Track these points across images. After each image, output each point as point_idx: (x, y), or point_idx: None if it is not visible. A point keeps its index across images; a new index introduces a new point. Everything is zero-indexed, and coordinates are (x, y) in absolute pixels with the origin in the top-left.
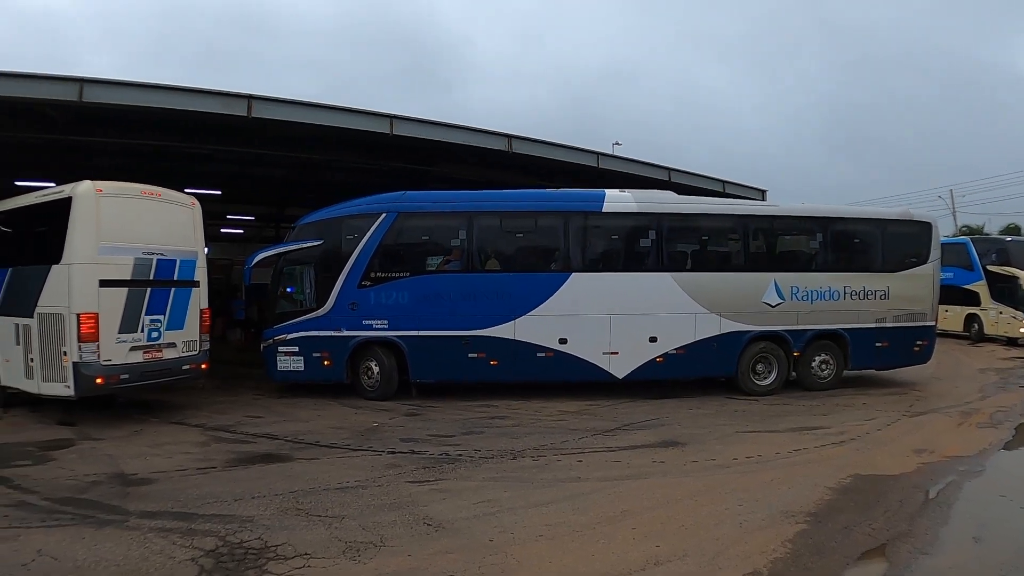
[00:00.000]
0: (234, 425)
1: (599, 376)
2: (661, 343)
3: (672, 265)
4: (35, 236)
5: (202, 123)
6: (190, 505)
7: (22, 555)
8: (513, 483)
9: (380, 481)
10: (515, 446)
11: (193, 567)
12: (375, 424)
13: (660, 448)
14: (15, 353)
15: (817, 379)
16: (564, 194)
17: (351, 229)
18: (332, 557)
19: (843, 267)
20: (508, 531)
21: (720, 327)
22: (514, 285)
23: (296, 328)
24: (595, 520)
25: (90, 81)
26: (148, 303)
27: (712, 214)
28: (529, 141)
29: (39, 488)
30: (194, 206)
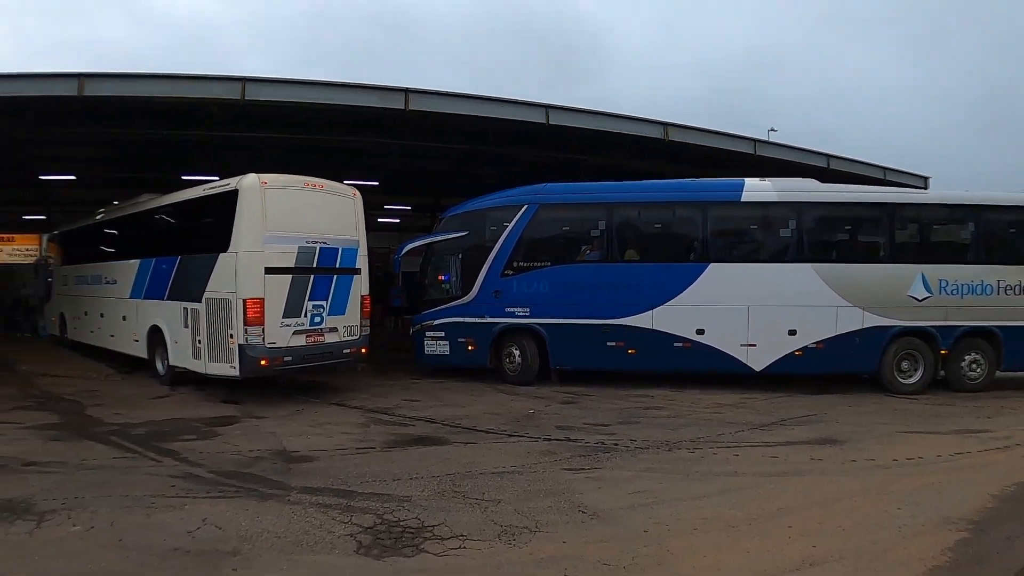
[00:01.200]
0: (393, 408)
1: (736, 368)
2: (800, 336)
3: (813, 256)
4: (202, 226)
5: (360, 117)
6: (350, 483)
7: (188, 523)
8: (668, 475)
9: (536, 467)
10: (671, 437)
11: (351, 542)
12: (531, 411)
13: (818, 445)
14: (184, 335)
15: (967, 380)
16: (702, 184)
17: (494, 220)
18: (487, 540)
19: (997, 259)
20: (663, 523)
21: (863, 321)
22: (652, 275)
23: (442, 314)
24: (751, 516)
25: (252, 80)
26: (311, 289)
27: (855, 203)
28: (685, 128)
29: (205, 461)
30: (355, 196)
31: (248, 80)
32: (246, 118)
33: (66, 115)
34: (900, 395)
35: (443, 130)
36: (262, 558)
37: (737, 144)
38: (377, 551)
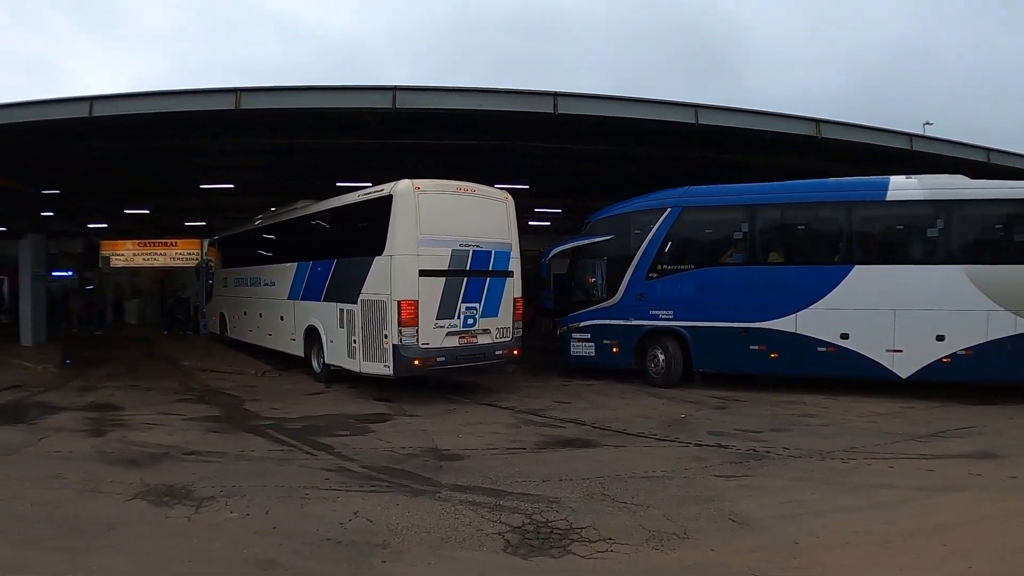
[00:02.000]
0: (543, 409)
1: (881, 375)
2: (949, 342)
3: (962, 257)
4: (358, 231)
5: (509, 121)
6: (499, 482)
7: (340, 515)
8: (821, 485)
9: (686, 473)
10: (824, 446)
11: (499, 541)
12: (682, 416)
13: (976, 459)
14: (339, 335)
15: None
16: (846, 183)
17: (638, 224)
18: (635, 544)
19: None
20: (814, 534)
21: (1015, 326)
22: (795, 278)
23: (588, 316)
24: (905, 531)
25: (402, 89)
26: (464, 291)
27: (1008, 199)
28: (838, 125)
29: (358, 456)
30: (507, 200)
31: (398, 89)
32: (398, 125)
33: (224, 127)
34: None
35: (592, 132)
36: (411, 552)
37: (892, 139)
38: (524, 551)
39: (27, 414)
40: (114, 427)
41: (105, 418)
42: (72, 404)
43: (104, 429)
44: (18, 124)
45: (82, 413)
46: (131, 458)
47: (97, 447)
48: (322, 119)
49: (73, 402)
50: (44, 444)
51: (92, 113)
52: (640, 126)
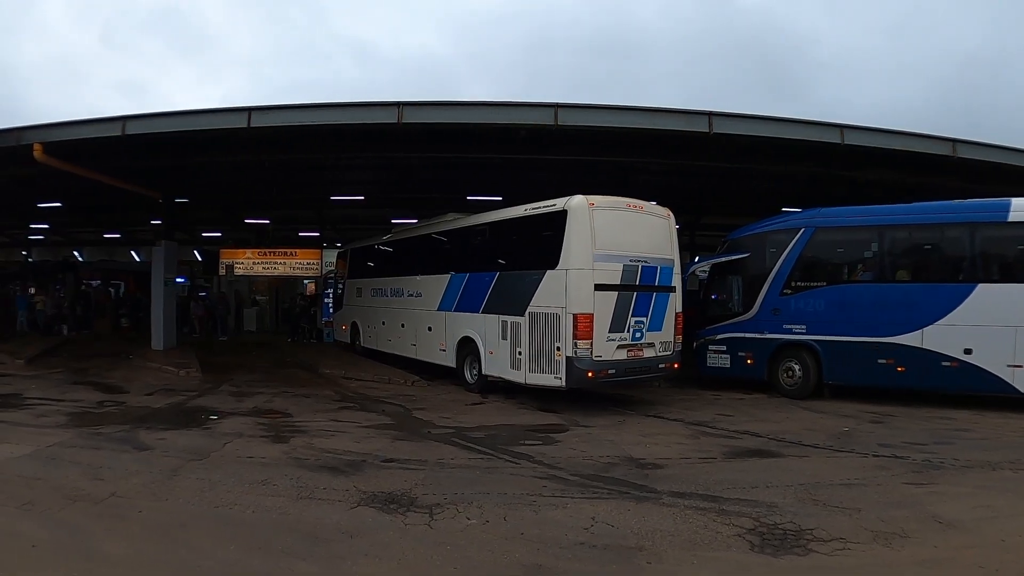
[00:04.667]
0: (711, 421)
1: (1003, 389)
2: None
3: None
4: (526, 245)
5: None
6: (712, 489)
7: (578, 520)
8: (1002, 492)
9: (877, 480)
10: (991, 458)
11: (742, 542)
12: (846, 429)
13: None
14: (501, 347)
15: None
16: (970, 204)
17: (774, 243)
18: (865, 543)
19: None
20: (1015, 534)
21: None
22: (922, 295)
23: (724, 330)
24: None
25: (563, 106)
26: (634, 306)
27: None
28: (974, 144)
29: (562, 465)
30: (669, 217)
31: (560, 106)
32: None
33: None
34: None
35: (745, 151)
36: (669, 553)
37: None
38: (770, 550)
39: (194, 419)
40: (293, 433)
41: (279, 424)
42: (235, 409)
43: (284, 435)
44: (178, 133)
45: (251, 418)
46: (330, 465)
47: (288, 453)
48: (475, 134)
49: (235, 407)
50: (231, 449)
51: (251, 124)
52: (794, 145)
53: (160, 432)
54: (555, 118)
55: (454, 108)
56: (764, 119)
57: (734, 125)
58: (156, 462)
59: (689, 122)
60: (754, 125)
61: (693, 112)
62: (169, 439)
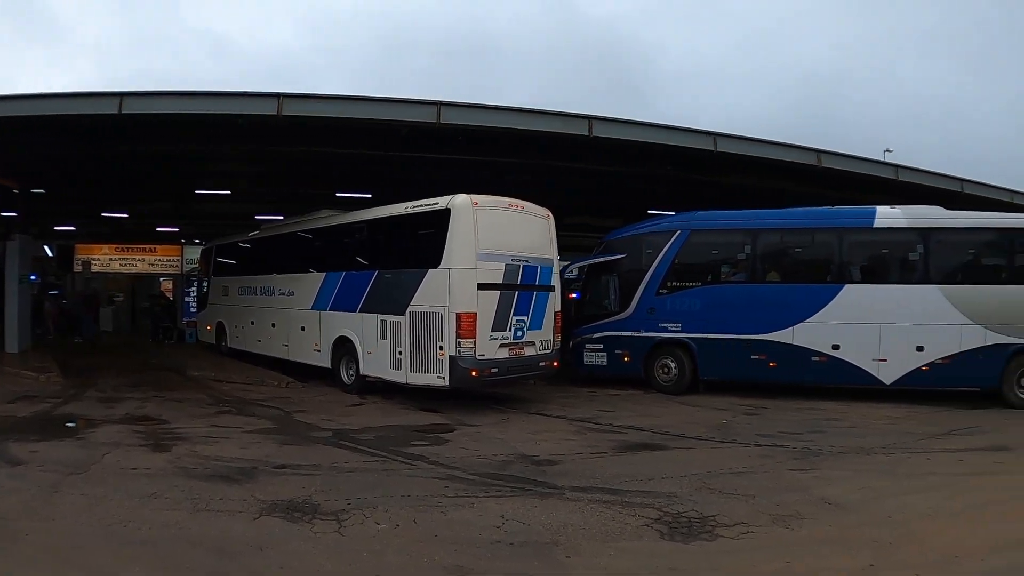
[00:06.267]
0: (594, 417)
1: (868, 381)
2: (927, 352)
3: (939, 278)
4: (406, 243)
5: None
6: (611, 482)
7: (488, 519)
8: (878, 475)
9: (764, 468)
10: (863, 444)
11: (652, 531)
12: (724, 421)
13: (994, 452)
14: (380, 346)
15: None
16: (838, 211)
17: (650, 245)
18: (766, 526)
19: None
20: (898, 511)
21: (985, 339)
22: (792, 295)
23: (601, 328)
24: (965, 506)
25: (446, 104)
26: (516, 305)
27: (978, 228)
28: (838, 156)
29: (459, 464)
30: (549, 217)
31: (443, 105)
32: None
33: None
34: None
35: (623, 155)
36: (585, 546)
37: (881, 170)
38: (680, 538)
39: (65, 428)
40: (174, 441)
41: (157, 431)
42: (107, 417)
43: (165, 443)
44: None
45: (126, 426)
46: (221, 473)
47: (173, 462)
48: (356, 130)
49: (106, 415)
50: (111, 461)
51: (122, 110)
52: (666, 151)
53: (31, 444)
54: (437, 116)
55: (337, 102)
56: (643, 125)
57: (613, 129)
58: (33, 477)
59: (568, 125)
60: (633, 130)
61: (573, 115)
62: (42, 451)
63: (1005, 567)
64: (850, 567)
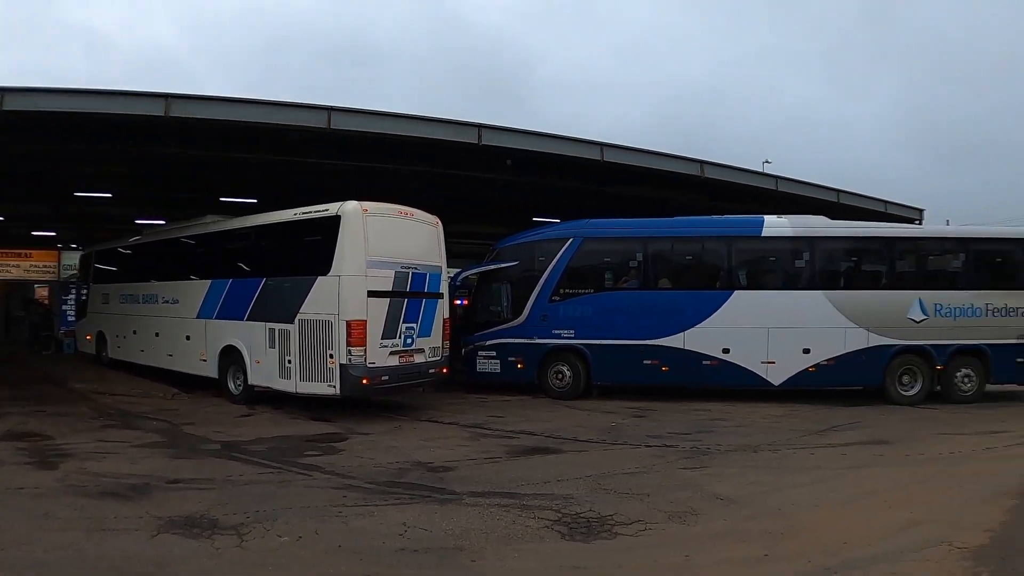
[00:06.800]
0: (485, 423)
1: (757, 383)
2: (814, 354)
3: (824, 283)
4: (295, 250)
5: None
6: (507, 487)
7: (390, 527)
8: (766, 470)
9: (656, 468)
10: (749, 442)
11: (553, 533)
12: (613, 424)
13: (873, 445)
14: (268, 355)
15: (960, 392)
16: (727, 220)
17: (543, 252)
18: (663, 522)
19: (986, 285)
20: (788, 504)
21: (867, 340)
22: (684, 301)
23: (494, 336)
24: (850, 497)
25: (338, 109)
26: (405, 312)
27: (860, 236)
28: (719, 167)
29: (355, 474)
30: (437, 225)
31: (334, 110)
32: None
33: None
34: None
35: (511, 163)
36: (489, 550)
37: (762, 181)
38: (580, 537)
39: None
40: (61, 457)
41: (42, 448)
42: None
43: (52, 460)
44: None
45: (8, 443)
46: (112, 491)
47: (62, 480)
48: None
49: None
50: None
51: (2, 107)
52: (553, 160)
53: None
54: (328, 122)
55: (227, 104)
56: (532, 133)
57: (502, 138)
58: None
59: (459, 133)
60: (522, 139)
61: (464, 123)
62: None
63: (891, 551)
64: (746, 558)
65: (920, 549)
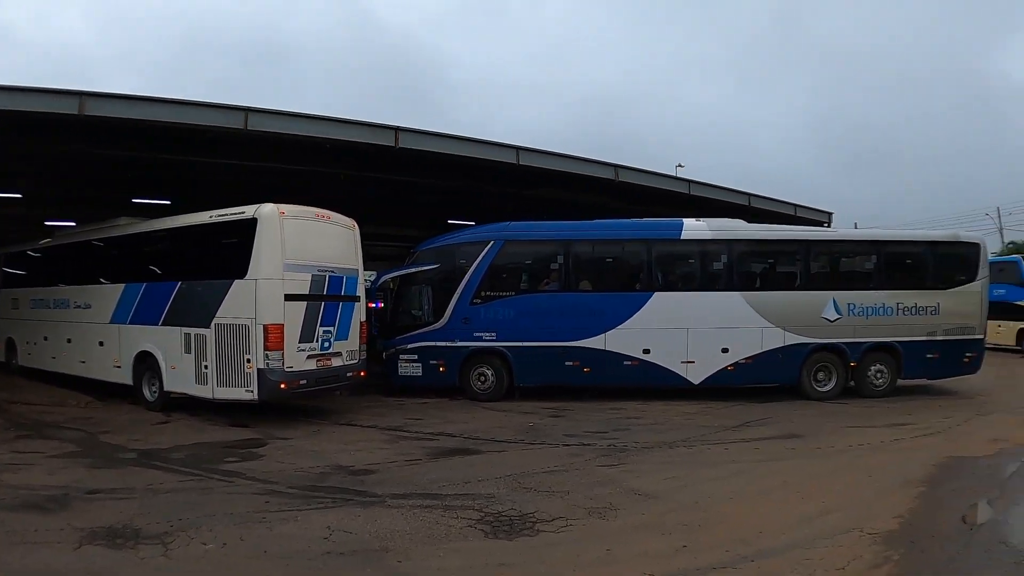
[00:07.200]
0: (403, 426)
1: (677, 382)
2: (732, 353)
3: (742, 285)
4: (210, 253)
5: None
6: (429, 488)
7: (315, 531)
8: (682, 465)
9: (575, 466)
10: (665, 439)
11: (476, 532)
12: (531, 424)
13: (785, 439)
14: (184, 361)
15: (873, 387)
16: (647, 223)
17: (464, 255)
18: (583, 518)
19: (896, 285)
20: (704, 497)
21: (784, 340)
22: (604, 303)
23: (416, 339)
24: (764, 488)
25: (255, 111)
26: (322, 315)
27: (776, 239)
28: (633, 171)
29: (276, 479)
30: (354, 228)
31: (251, 111)
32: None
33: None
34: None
35: (428, 166)
36: (414, 550)
37: (675, 185)
38: (503, 535)
39: None
40: None
41: None
42: None
43: None
44: None
45: None
46: (31, 503)
47: None
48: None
49: None
50: None
51: None
52: (472, 163)
53: None
54: (245, 122)
55: (143, 103)
56: (449, 137)
57: (420, 141)
58: None
59: (376, 135)
60: (439, 142)
61: (381, 126)
62: None
63: (805, 538)
64: (666, 550)
65: (832, 536)
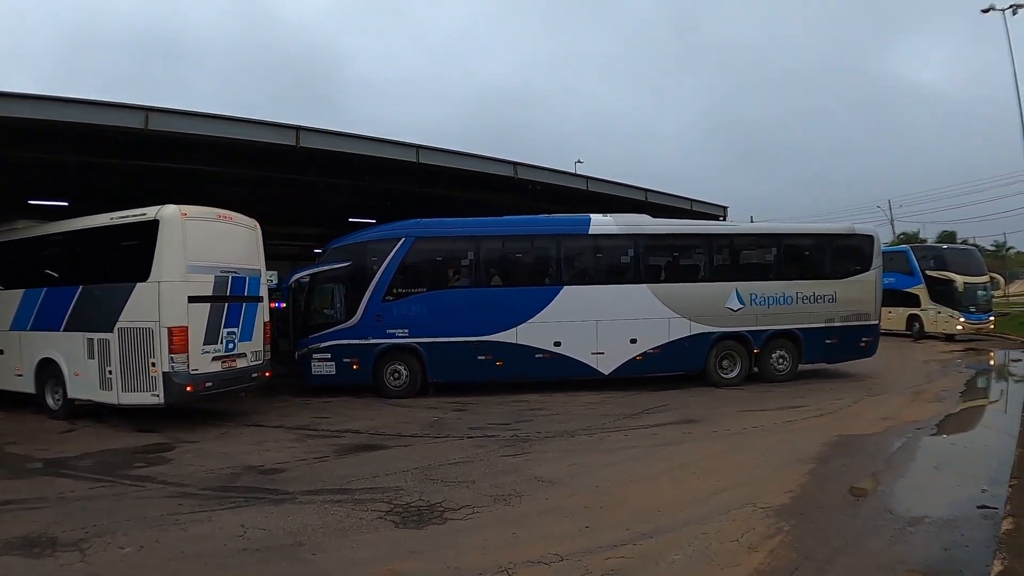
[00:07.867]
0: (310, 424)
1: (588, 373)
2: (640, 344)
3: (648, 277)
4: (112, 256)
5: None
6: (338, 483)
7: (229, 530)
8: (583, 452)
9: (479, 457)
10: (566, 428)
11: (386, 523)
12: (436, 419)
13: (682, 424)
14: (88, 367)
15: (775, 372)
16: (556, 219)
17: (375, 252)
18: (489, 506)
19: (795, 276)
20: (605, 481)
21: (690, 329)
22: (515, 297)
23: (328, 338)
24: (663, 470)
25: (155, 110)
26: (226, 317)
27: (681, 234)
28: (533, 168)
29: (187, 482)
30: (256, 228)
31: (152, 110)
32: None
33: None
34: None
35: (329, 166)
36: (327, 543)
37: (574, 181)
38: (413, 525)
39: None
40: None
41: None
42: None
43: None
44: None
45: None
46: None
47: None
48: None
49: None
50: None
51: None
52: (374, 162)
53: None
54: (146, 122)
55: (38, 102)
56: (349, 136)
57: (320, 140)
58: None
59: (277, 135)
60: (339, 141)
61: (282, 125)
62: None
63: (701, 515)
64: (569, 531)
65: (728, 511)
